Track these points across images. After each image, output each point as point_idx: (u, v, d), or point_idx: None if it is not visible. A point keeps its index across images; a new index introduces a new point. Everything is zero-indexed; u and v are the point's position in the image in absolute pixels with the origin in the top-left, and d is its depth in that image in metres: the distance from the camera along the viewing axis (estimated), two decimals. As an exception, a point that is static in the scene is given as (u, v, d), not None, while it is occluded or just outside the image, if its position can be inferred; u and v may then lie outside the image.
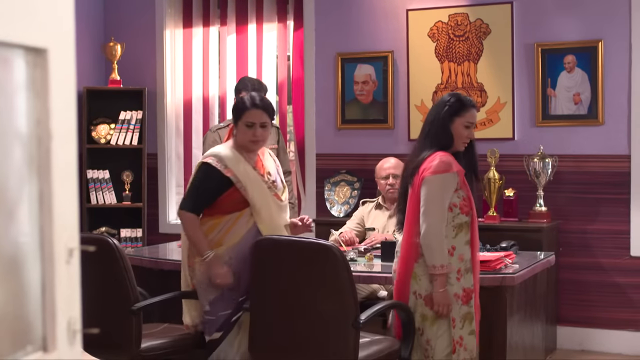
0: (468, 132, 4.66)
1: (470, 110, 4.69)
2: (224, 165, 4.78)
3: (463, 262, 4.60)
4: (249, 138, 4.83)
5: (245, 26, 8.22)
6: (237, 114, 4.92)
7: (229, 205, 4.80)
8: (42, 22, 1.50)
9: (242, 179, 4.77)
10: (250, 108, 4.86)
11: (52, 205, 1.53)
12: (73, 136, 1.60)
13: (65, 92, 1.57)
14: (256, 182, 4.82)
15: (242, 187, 4.76)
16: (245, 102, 4.92)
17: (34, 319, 1.53)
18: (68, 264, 1.57)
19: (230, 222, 4.81)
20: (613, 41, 6.95)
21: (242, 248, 4.74)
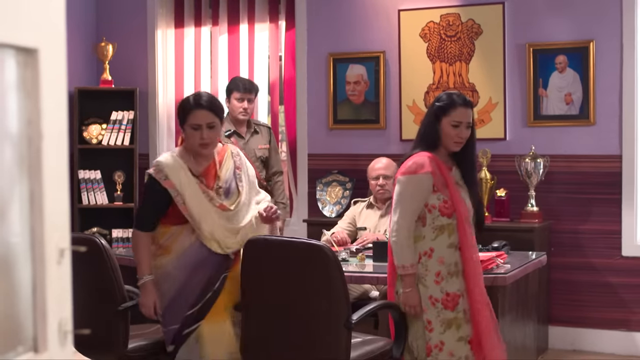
0: (457, 132, 4.51)
1: (458, 108, 4.53)
2: (164, 176, 4.51)
3: (444, 265, 4.49)
4: (196, 141, 4.51)
5: (237, 26, 8.21)
6: (181, 115, 4.61)
7: (174, 217, 4.56)
8: (33, 22, 1.50)
9: (182, 190, 4.50)
10: (195, 108, 4.54)
11: (43, 205, 1.52)
12: (64, 136, 1.59)
13: (56, 92, 1.57)
14: (195, 194, 4.51)
15: (180, 201, 4.48)
16: (189, 102, 4.60)
17: (24, 320, 1.52)
18: (59, 265, 1.57)
19: (176, 233, 4.58)
20: (604, 41, 6.97)
21: (186, 261, 4.54)
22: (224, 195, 4.59)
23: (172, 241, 4.55)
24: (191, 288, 4.52)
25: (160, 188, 4.49)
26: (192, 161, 4.57)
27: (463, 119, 4.52)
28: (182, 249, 4.53)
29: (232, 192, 4.63)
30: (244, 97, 6.71)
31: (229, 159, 4.69)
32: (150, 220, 4.58)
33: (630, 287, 6.96)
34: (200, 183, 4.54)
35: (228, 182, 4.62)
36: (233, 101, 6.72)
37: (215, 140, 4.58)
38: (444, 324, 4.46)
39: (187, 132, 4.56)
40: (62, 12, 1.58)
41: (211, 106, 4.56)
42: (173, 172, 4.49)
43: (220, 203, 4.54)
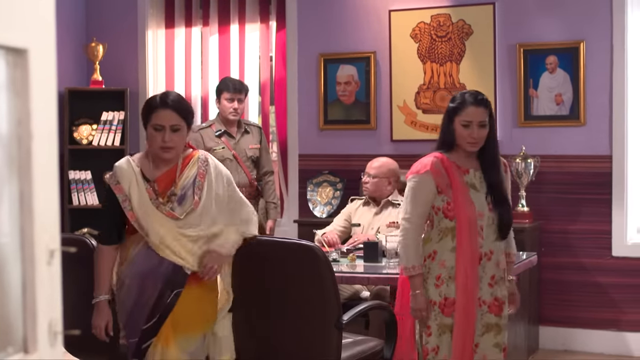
0: (469, 132, 4.39)
1: (467, 108, 4.41)
2: (115, 181, 4.19)
3: (445, 269, 4.37)
4: (157, 144, 4.15)
5: (227, 26, 8.21)
6: (145, 114, 4.23)
7: (130, 225, 4.23)
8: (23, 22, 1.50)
9: (130, 196, 4.16)
10: (159, 108, 4.16)
11: (32, 206, 1.52)
12: (54, 137, 1.59)
13: (46, 92, 1.56)
14: (142, 200, 4.16)
15: (127, 207, 4.14)
16: (155, 100, 4.23)
17: (14, 320, 1.52)
18: (49, 265, 1.57)
19: (130, 240, 4.27)
20: (595, 42, 6.98)
21: (136, 269, 4.19)
22: (176, 203, 4.20)
23: (125, 249, 4.27)
24: (145, 300, 4.18)
25: (114, 194, 4.19)
26: (150, 165, 4.24)
27: (474, 118, 4.39)
28: (132, 256, 4.21)
29: (186, 201, 4.22)
30: (234, 97, 6.70)
31: (193, 165, 4.29)
32: (111, 230, 4.25)
33: (621, 287, 6.97)
34: (149, 188, 4.19)
35: (185, 189, 4.22)
36: (223, 101, 6.72)
37: (179, 144, 4.20)
38: (440, 328, 4.37)
39: (148, 133, 4.20)
40: (52, 12, 1.58)
41: (178, 107, 4.18)
42: (125, 176, 4.18)
43: (169, 211, 4.17)
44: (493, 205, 4.44)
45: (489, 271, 4.43)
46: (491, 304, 4.44)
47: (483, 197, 4.43)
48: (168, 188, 4.20)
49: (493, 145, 4.51)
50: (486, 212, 4.42)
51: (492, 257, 4.43)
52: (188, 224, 4.20)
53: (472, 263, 4.37)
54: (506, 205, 4.49)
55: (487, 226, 4.42)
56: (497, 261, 4.45)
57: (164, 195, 4.19)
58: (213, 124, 6.80)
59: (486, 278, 4.42)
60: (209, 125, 6.81)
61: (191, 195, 4.21)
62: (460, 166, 4.45)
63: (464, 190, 4.40)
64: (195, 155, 4.30)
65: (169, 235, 4.17)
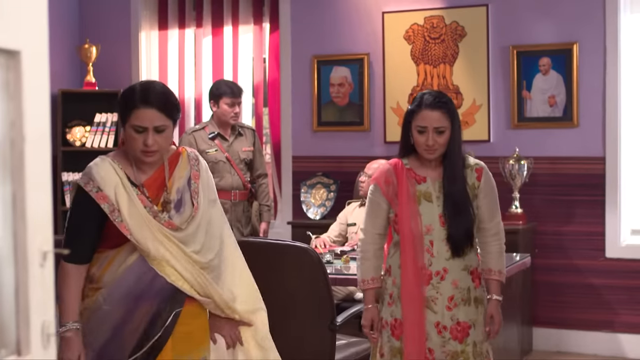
0: (424, 138, 3.97)
1: (422, 111, 3.99)
2: (96, 188, 3.40)
3: (395, 287, 4.04)
4: (138, 147, 3.41)
5: (220, 28, 8.21)
6: (122, 111, 3.48)
7: (113, 237, 3.44)
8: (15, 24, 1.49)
9: (119, 205, 3.41)
10: (140, 106, 3.41)
11: (25, 208, 1.52)
12: (47, 139, 1.59)
13: (39, 94, 1.56)
14: (134, 209, 3.42)
15: (117, 218, 3.39)
16: (134, 95, 3.46)
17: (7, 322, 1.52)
18: (42, 267, 1.56)
19: (110, 256, 3.47)
20: (588, 44, 6.99)
21: (122, 290, 3.43)
22: (174, 210, 3.51)
23: (102, 270, 3.46)
24: (133, 326, 3.44)
25: (91, 203, 3.40)
26: (133, 167, 3.51)
27: (428, 123, 3.96)
28: (116, 275, 3.44)
29: (184, 207, 3.54)
30: (235, 102, 6.69)
31: (184, 164, 3.62)
32: (83, 247, 3.46)
33: (614, 288, 6.98)
34: (141, 194, 3.46)
35: (180, 193, 3.54)
36: (223, 106, 6.68)
37: (164, 147, 3.47)
38: (392, 351, 4.04)
39: (127, 133, 3.46)
40: (44, 14, 1.57)
41: (163, 105, 3.45)
42: (107, 181, 3.41)
43: (168, 220, 3.46)
44: (448, 217, 3.99)
45: (445, 292, 3.98)
46: (453, 329, 3.99)
47: (437, 209, 4.01)
48: (159, 194, 3.51)
49: (455, 152, 4.05)
50: (437, 226, 4.00)
51: (446, 276, 3.99)
52: (191, 237, 3.49)
53: (416, 282, 3.97)
54: (462, 218, 3.99)
55: (438, 241, 4.00)
56: (453, 280, 3.99)
57: (158, 202, 3.48)
58: (206, 126, 6.79)
59: (442, 300, 3.98)
60: (202, 127, 6.79)
61: (189, 200, 3.54)
62: (417, 174, 4.08)
63: (409, 201, 4.02)
64: (183, 153, 3.63)
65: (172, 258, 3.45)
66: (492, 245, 4.11)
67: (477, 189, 4.07)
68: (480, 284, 4.08)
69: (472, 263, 4.06)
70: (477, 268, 4.08)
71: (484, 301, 4.09)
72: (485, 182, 4.10)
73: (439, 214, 3.99)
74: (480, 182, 4.08)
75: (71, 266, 3.44)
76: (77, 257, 3.44)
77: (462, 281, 4.00)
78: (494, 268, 4.09)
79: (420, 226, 3.99)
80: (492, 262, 4.09)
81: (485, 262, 4.11)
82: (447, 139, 3.99)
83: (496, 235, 4.12)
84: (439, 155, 4.02)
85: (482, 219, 4.09)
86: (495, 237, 4.12)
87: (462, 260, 4.01)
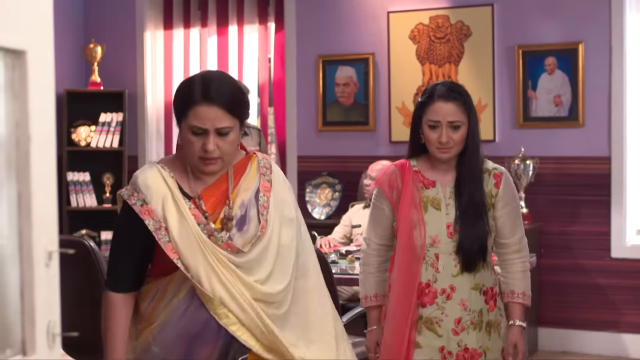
0: (436, 135, 3.49)
1: (435, 103, 3.51)
2: (141, 201, 2.83)
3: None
4: (196, 153, 2.82)
5: (226, 28, 8.20)
6: (179, 107, 2.87)
7: (161, 262, 2.87)
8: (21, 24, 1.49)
9: (167, 221, 2.81)
10: (201, 102, 2.79)
11: (31, 208, 1.52)
12: (52, 138, 1.59)
13: (44, 94, 1.56)
14: (185, 226, 2.81)
15: (163, 237, 2.79)
16: (193, 89, 2.83)
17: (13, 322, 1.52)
18: (47, 267, 1.56)
19: (160, 290, 2.90)
20: (593, 43, 6.98)
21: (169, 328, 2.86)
22: (236, 229, 2.88)
23: (155, 303, 2.90)
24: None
25: (137, 220, 2.83)
26: (189, 176, 2.92)
27: (441, 117, 3.48)
28: (168, 309, 2.87)
29: (249, 225, 2.90)
30: None
31: (253, 173, 2.99)
32: (128, 272, 2.91)
33: (619, 288, 6.97)
34: (194, 209, 2.85)
35: (244, 208, 2.92)
36: None
37: (228, 153, 2.85)
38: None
39: (184, 135, 2.85)
40: (50, 14, 1.57)
41: (228, 102, 2.82)
42: (154, 192, 2.83)
43: (226, 241, 2.83)
44: (460, 227, 3.50)
45: (452, 313, 3.49)
46: (459, 355, 3.50)
47: (445, 217, 3.54)
48: (219, 208, 2.90)
49: (472, 152, 3.56)
50: (444, 237, 3.51)
51: (453, 295, 3.50)
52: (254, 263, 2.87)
53: (406, 300, 3.50)
54: (476, 229, 3.50)
55: (445, 255, 3.51)
56: (462, 300, 3.50)
57: (215, 219, 2.88)
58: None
59: (448, 322, 3.49)
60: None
61: (255, 217, 2.91)
62: (425, 177, 3.61)
63: (412, 208, 3.54)
64: (253, 160, 3.02)
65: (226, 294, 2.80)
66: (515, 264, 3.64)
67: (494, 197, 3.56)
68: (495, 306, 3.58)
69: (486, 282, 3.56)
70: (493, 288, 3.59)
71: (499, 326, 3.59)
72: (505, 189, 3.58)
73: (447, 223, 3.51)
74: (498, 189, 3.57)
75: (115, 295, 2.89)
76: (121, 285, 2.89)
77: (472, 302, 3.51)
78: (517, 290, 3.61)
79: (422, 236, 3.50)
80: (516, 284, 3.62)
81: (508, 283, 3.62)
82: (463, 135, 3.50)
83: (519, 252, 3.65)
84: (454, 155, 3.54)
85: (501, 234, 3.60)
86: (518, 254, 3.65)
87: (472, 277, 3.52)
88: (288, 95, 8.01)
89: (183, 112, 2.82)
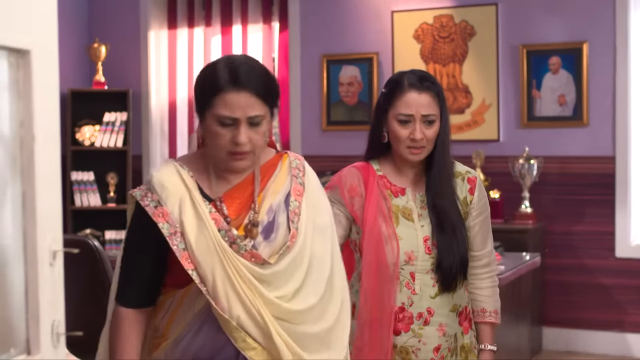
0: (407, 131, 3.00)
1: (403, 95, 3.01)
2: (155, 202, 2.47)
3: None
4: (225, 147, 2.46)
5: (230, 27, 8.21)
6: (202, 96, 2.51)
7: (177, 271, 2.48)
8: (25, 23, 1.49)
9: (183, 226, 2.45)
10: (227, 88, 2.42)
11: (35, 207, 1.52)
12: (56, 138, 1.59)
13: (49, 93, 1.56)
14: (202, 232, 2.44)
15: (178, 244, 2.43)
16: (218, 73, 2.46)
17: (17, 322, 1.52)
18: (52, 267, 1.56)
19: (175, 302, 2.53)
20: (598, 43, 6.97)
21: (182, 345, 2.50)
22: (262, 236, 2.51)
23: (169, 318, 2.55)
24: None
25: (150, 224, 2.46)
26: (210, 176, 2.57)
27: (414, 110, 2.99)
28: (182, 326, 2.51)
29: (277, 232, 2.53)
30: None
31: (284, 174, 2.64)
32: (140, 285, 2.53)
33: (624, 288, 6.96)
34: (215, 213, 2.49)
35: (272, 213, 2.55)
36: None
37: (261, 146, 2.52)
38: None
39: (209, 127, 2.49)
40: (54, 13, 1.57)
41: (260, 87, 2.47)
42: (170, 192, 2.48)
43: (250, 250, 2.47)
44: (438, 241, 3.03)
45: (430, 341, 3.03)
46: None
47: (420, 230, 3.06)
48: (243, 212, 2.54)
49: (444, 152, 3.07)
50: (420, 254, 3.03)
51: (431, 319, 3.03)
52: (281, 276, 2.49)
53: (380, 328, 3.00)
54: (456, 242, 3.03)
55: (422, 274, 3.03)
56: (440, 325, 3.04)
57: (239, 225, 2.51)
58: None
59: (426, 351, 3.02)
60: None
61: (284, 224, 2.54)
62: (392, 183, 3.12)
63: (378, 218, 3.03)
64: (284, 160, 2.67)
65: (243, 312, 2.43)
66: (484, 279, 3.17)
67: (468, 205, 3.12)
68: (471, 327, 3.15)
69: (462, 301, 3.11)
70: (467, 307, 3.14)
71: (474, 350, 3.16)
72: (480, 196, 3.15)
73: (424, 237, 3.04)
74: (473, 195, 3.12)
75: (126, 311, 2.52)
76: (133, 299, 2.52)
77: (449, 326, 3.06)
78: (488, 308, 3.16)
79: (397, 253, 3.00)
80: (487, 301, 3.16)
81: (478, 300, 3.16)
82: (436, 132, 3.03)
83: (488, 266, 3.18)
84: (425, 155, 3.06)
85: (472, 245, 3.13)
86: (487, 268, 3.17)
87: (450, 298, 3.06)
88: (292, 94, 8.01)
89: (208, 101, 2.46)
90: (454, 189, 3.07)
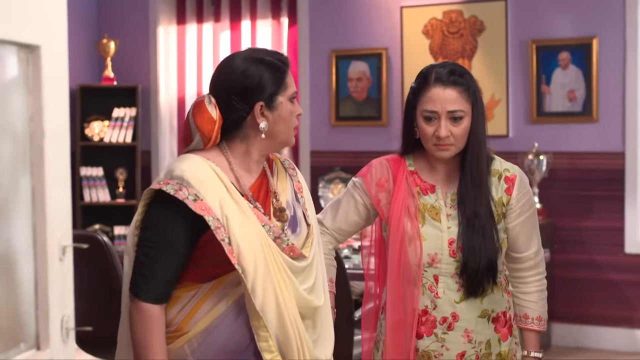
0: (432, 128, 2.86)
1: (428, 90, 2.90)
2: (194, 195, 2.40)
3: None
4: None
5: (239, 23, 8.21)
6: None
7: (203, 266, 2.49)
8: (35, 19, 1.49)
9: (228, 220, 2.42)
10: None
11: (45, 202, 1.52)
12: (66, 133, 1.59)
13: (58, 89, 1.56)
14: (252, 230, 2.45)
15: (224, 239, 2.39)
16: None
17: (27, 317, 1.52)
18: (61, 262, 1.56)
19: (199, 295, 2.50)
20: (607, 38, 6.95)
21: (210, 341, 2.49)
22: (289, 230, 2.59)
23: (191, 309, 2.51)
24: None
25: (184, 217, 2.41)
26: (234, 172, 2.56)
27: (438, 106, 2.86)
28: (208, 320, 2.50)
29: (300, 226, 2.63)
30: None
31: (283, 174, 2.72)
32: (167, 281, 2.46)
33: (633, 284, 6.95)
34: (254, 207, 2.52)
35: (291, 208, 2.64)
36: None
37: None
38: None
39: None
40: (63, 9, 1.57)
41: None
42: (209, 187, 2.43)
43: (290, 245, 2.52)
44: (464, 244, 2.89)
45: (454, 346, 2.93)
46: None
47: (446, 232, 2.93)
48: (268, 204, 2.59)
49: (477, 150, 2.92)
50: (445, 256, 2.91)
51: (455, 324, 2.92)
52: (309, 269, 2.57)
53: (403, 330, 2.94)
54: (484, 246, 2.88)
55: (446, 277, 2.93)
56: (466, 331, 2.93)
57: (271, 218, 2.57)
58: None
59: (449, 356, 2.93)
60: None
61: (302, 218, 2.65)
62: (424, 180, 3.00)
63: (404, 216, 2.93)
64: (275, 159, 2.75)
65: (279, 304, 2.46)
66: (529, 283, 3.07)
67: (505, 205, 2.97)
68: (511, 334, 3.04)
69: (496, 307, 2.98)
70: (506, 312, 3.02)
71: (514, 357, 3.06)
72: (520, 196, 2.99)
73: (450, 239, 2.92)
74: (511, 196, 2.96)
75: (153, 308, 2.44)
76: (159, 295, 2.45)
77: (478, 333, 2.94)
78: (531, 314, 3.07)
79: (420, 254, 2.90)
80: (531, 307, 3.06)
81: (521, 305, 3.06)
82: (466, 129, 2.89)
83: (535, 268, 3.08)
84: (455, 153, 2.92)
85: (514, 246, 3.03)
86: (532, 271, 3.07)
87: (478, 303, 2.93)
88: (301, 90, 8.01)
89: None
90: (488, 189, 2.92)
